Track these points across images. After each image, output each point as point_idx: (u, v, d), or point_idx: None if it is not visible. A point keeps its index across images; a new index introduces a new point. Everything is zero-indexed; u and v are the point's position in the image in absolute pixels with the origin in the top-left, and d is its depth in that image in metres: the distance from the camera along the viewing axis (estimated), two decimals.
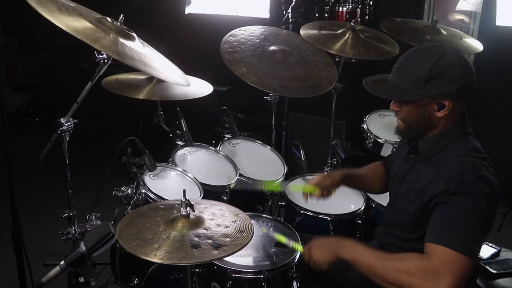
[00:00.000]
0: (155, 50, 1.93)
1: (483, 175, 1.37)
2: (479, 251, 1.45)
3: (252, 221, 1.60)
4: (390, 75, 1.53)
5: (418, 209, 1.47)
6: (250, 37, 2.49)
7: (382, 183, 1.93)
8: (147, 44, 1.91)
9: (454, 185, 1.36)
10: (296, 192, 2.04)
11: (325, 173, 1.89)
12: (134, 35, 1.80)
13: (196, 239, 1.38)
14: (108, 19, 1.74)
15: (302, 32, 2.56)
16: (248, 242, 1.42)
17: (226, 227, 1.47)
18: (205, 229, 1.44)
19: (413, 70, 1.45)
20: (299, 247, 1.72)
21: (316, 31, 2.56)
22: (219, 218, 1.52)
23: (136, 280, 1.93)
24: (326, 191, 1.87)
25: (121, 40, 1.66)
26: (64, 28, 1.46)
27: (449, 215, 1.34)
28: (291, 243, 1.74)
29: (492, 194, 1.36)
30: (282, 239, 1.77)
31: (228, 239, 1.41)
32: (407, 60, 1.49)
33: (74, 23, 1.53)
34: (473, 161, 1.40)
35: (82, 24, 1.57)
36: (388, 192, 1.75)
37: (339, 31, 2.55)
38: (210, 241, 1.38)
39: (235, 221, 1.51)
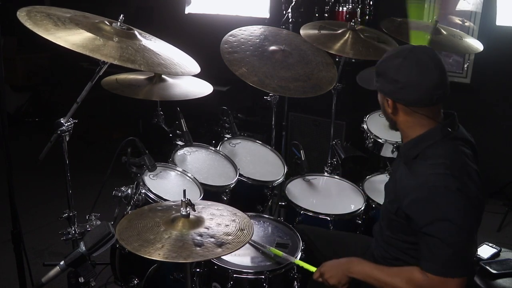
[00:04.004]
0: (159, 40, 1.93)
1: (456, 189, 1.35)
2: (473, 255, 1.49)
3: (252, 221, 1.60)
4: None
5: (398, 211, 1.49)
6: (250, 37, 2.49)
7: None
8: (151, 36, 1.91)
9: (427, 208, 1.38)
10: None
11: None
12: (136, 32, 1.80)
13: (199, 238, 1.38)
14: (106, 21, 1.74)
15: (302, 32, 2.56)
16: (250, 238, 1.43)
17: (227, 225, 1.47)
18: (206, 228, 1.44)
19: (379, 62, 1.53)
20: (299, 262, 1.74)
21: (316, 31, 2.55)
22: (219, 217, 1.52)
23: (136, 280, 1.93)
24: None
25: (122, 43, 1.66)
26: (63, 44, 1.49)
27: (432, 246, 1.38)
28: (290, 259, 1.75)
29: (466, 206, 1.36)
30: (279, 253, 1.78)
31: (230, 237, 1.41)
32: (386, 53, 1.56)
33: (72, 37, 1.55)
34: (446, 174, 1.37)
35: (80, 35, 1.59)
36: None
37: (339, 31, 2.55)
38: (212, 239, 1.38)
39: (234, 220, 1.52)
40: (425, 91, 1.43)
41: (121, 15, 1.77)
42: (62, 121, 1.75)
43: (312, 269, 1.70)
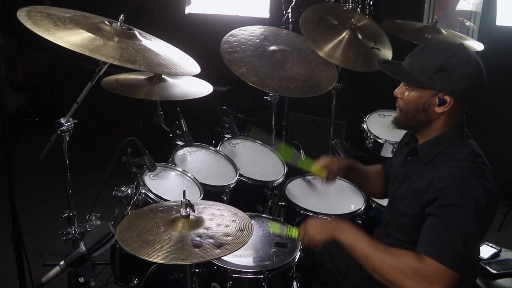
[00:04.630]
0: (159, 40, 1.93)
1: (479, 184, 1.35)
2: (474, 256, 1.47)
3: (252, 221, 1.60)
4: (404, 61, 1.54)
5: (416, 212, 1.47)
6: (250, 37, 2.49)
7: (381, 187, 1.94)
8: (151, 36, 1.91)
9: (448, 194, 1.35)
10: (306, 168, 2.02)
11: (332, 157, 1.90)
12: (136, 32, 1.80)
13: (198, 238, 1.38)
14: (106, 22, 1.74)
15: (303, 16, 2.53)
16: (249, 239, 1.42)
17: (226, 226, 1.47)
18: (206, 228, 1.44)
19: (427, 58, 1.45)
20: (294, 232, 1.67)
21: (316, 20, 2.53)
22: (219, 218, 1.52)
23: (136, 280, 1.93)
24: (331, 175, 1.89)
25: (122, 43, 1.66)
26: (63, 44, 1.49)
27: (442, 229, 1.34)
28: (286, 230, 1.70)
29: (487, 203, 1.35)
30: (276, 228, 1.76)
31: (229, 237, 1.41)
32: (424, 49, 1.49)
33: (72, 37, 1.55)
34: (471, 168, 1.39)
35: (80, 35, 1.59)
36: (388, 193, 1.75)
37: (338, 27, 2.53)
38: (211, 240, 1.38)
39: (235, 220, 1.52)
40: (483, 89, 1.45)
41: (121, 15, 1.77)
42: (62, 121, 1.75)
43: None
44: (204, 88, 2.36)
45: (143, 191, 1.96)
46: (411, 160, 1.60)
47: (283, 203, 2.26)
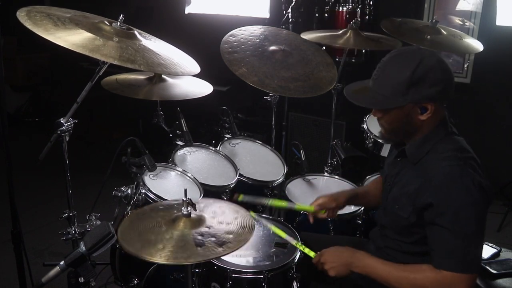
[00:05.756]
0: (159, 40, 1.93)
1: (471, 181, 1.36)
2: (481, 253, 1.47)
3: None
4: (370, 82, 1.52)
5: (412, 214, 1.48)
6: (250, 37, 2.49)
7: None
8: (151, 36, 1.91)
9: (443, 200, 1.37)
10: (303, 210, 2.05)
11: (331, 195, 1.89)
12: (136, 32, 1.80)
13: (200, 237, 1.38)
14: (106, 21, 1.74)
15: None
16: (251, 236, 1.43)
17: (228, 224, 1.47)
18: (208, 227, 1.44)
19: (394, 77, 1.44)
20: (300, 246, 1.72)
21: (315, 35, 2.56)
22: (220, 216, 1.52)
23: (136, 280, 1.93)
24: (331, 213, 1.88)
25: (122, 43, 1.66)
26: (62, 44, 1.49)
27: (448, 239, 1.37)
28: (292, 241, 1.73)
29: (481, 199, 1.37)
30: (282, 234, 1.77)
31: (231, 236, 1.41)
32: (387, 67, 1.48)
33: (72, 37, 1.55)
34: (460, 165, 1.39)
35: (80, 35, 1.59)
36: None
37: (340, 32, 2.55)
38: (213, 238, 1.38)
39: (236, 217, 1.52)
40: (453, 80, 1.46)
41: (121, 15, 1.77)
42: (62, 121, 1.75)
43: (313, 254, 1.67)
44: (204, 88, 2.36)
45: (143, 191, 1.96)
46: (400, 161, 1.61)
47: None
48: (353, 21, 2.58)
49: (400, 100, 1.44)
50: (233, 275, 1.69)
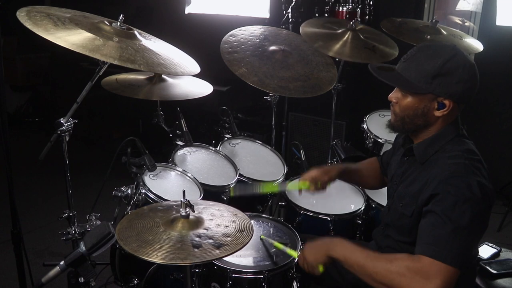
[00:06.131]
0: (159, 40, 1.93)
1: (474, 180, 1.36)
2: (471, 254, 1.46)
3: (252, 221, 1.60)
4: (397, 65, 1.52)
5: (414, 212, 1.47)
6: (250, 37, 2.49)
7: (377, 179, 1.96)
8: (151, 36, 1.91)
9: (443, 191, 1.35)
10: (295, 190, 2.06)
11: (323, 168, 1.88)
12: (136, 32, 1.80)
13: (197, 239, 1.38)
14: (106, 22, 1.74)
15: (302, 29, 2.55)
16: (249, 241, 1.42)
17: (226, 226, 1.47)
18: (205, 229, 1.44)
19: (423, 63, 1.44)
20: (295, 254, 1.73)
21: (316, 29, 2.55)
22: (218, 218, 1.52)
23: (136, 280, 1.93)
24: (320, 186, 1.87)
25: (122, 43, 1.66)
26: (62, 44, 1.49)
27: (438, 226, 1.33)
28: (287, 250, 1.75)
29: (481, 199, 1.34)
30: (279, 246, 1.78)
31: (229, 238, 1.41)
32: (419, 53, 1.48)
33: (71, 37, 1.55)
34: (465, 164, 1.39)
35: (80, 35, 1.59)
36: (386, 194, 1.76)
37: (339, 31, 2.54)
38: (211, 240, 1.38)
39: (234, 220, 1.52)
40: (477, 88, 1.45)
41: (121, 15, 1.77)
42: (62, 121, 1.75)
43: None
44: (204, 88, 2.36)
45: (143, 191, 1.96)
46: (408, 160, 1.61)
47: (283, 203, 2.26)
48: (353, 21, 2.58)
49: (423, 87, 1.43)
50: (233, 275, 1.69)
